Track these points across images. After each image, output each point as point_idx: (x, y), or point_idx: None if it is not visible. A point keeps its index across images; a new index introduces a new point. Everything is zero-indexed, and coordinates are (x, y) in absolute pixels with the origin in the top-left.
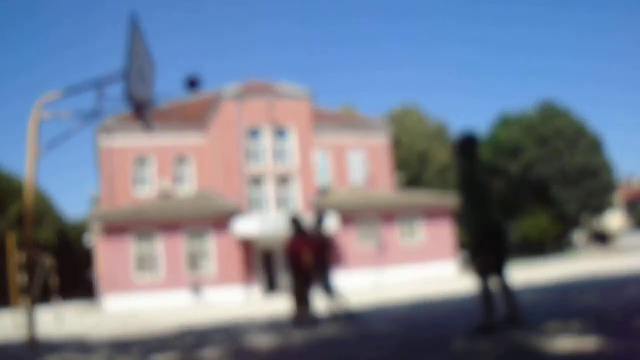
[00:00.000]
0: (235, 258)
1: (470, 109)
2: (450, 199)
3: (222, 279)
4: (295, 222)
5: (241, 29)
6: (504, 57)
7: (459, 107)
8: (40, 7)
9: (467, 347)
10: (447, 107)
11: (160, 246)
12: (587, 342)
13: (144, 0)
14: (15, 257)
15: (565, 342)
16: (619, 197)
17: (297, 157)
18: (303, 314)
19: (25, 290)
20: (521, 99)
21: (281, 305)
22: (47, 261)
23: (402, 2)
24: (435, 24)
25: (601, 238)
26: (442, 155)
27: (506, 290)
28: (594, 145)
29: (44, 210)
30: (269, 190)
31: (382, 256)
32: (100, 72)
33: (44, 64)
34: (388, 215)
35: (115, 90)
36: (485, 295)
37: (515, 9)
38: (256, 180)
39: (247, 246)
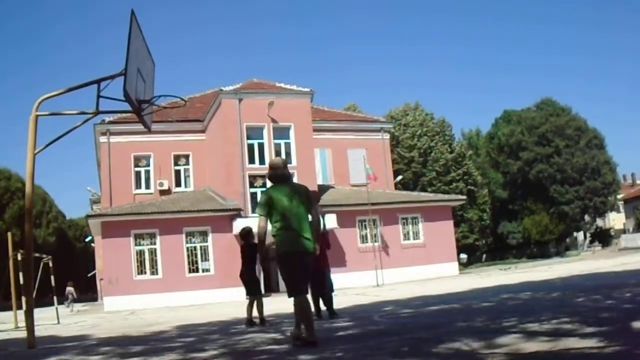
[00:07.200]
0: (235, 258)
1: (472, 107)
2: (451, 198)
3: (222, 279)
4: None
5: (244, 29)
6: (505, 54)
7: (460, 105)
8: (41, 5)
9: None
10: (448, 106)
11: (160, 245)
12: (587, 343)
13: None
14: (15, 256)
15: (565, 343)
16: (621, 196)
17: (297, 155)
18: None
19: (25, 290)
20: (522, 96)
21: (279, 305)
22: (47, 261)
23: (404, 1)
24: (436, 21)
25: (603, 238)
26: (444, 154)
27: None
28: (596, 144)
29: (44, 209)
30: None
31: (382, 255)
32: (100, 71)
33: (44, 62)
34: (388, 214)
35: (115, 89)
36: None
37: (517, 5)
38: (256, 179)
39: None
